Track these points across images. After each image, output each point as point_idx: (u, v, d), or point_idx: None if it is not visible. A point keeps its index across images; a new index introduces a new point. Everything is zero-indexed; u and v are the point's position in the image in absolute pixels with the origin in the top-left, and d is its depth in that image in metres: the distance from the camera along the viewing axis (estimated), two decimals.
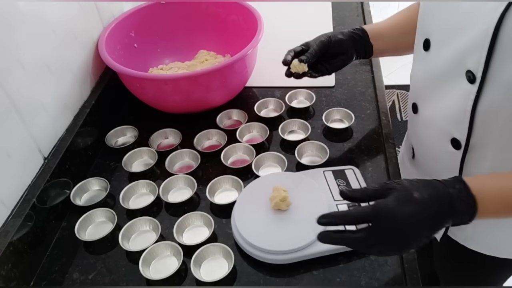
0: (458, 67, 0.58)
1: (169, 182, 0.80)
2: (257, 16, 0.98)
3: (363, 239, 0.52)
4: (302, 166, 0.82)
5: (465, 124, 0.60)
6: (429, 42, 0.64)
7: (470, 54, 0.55)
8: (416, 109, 0.72)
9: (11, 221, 0.66)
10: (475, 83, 0.56)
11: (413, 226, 0.50)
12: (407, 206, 0.50)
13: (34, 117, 0.74)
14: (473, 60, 0.55)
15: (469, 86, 0.57)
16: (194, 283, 0.66)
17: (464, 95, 0.58)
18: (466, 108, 0.59)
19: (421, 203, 0.50)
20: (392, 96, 2.35)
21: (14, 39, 0.70)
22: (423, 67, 0.67)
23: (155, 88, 0.89)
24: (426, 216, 0.50)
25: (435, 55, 0.63)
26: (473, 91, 0.56)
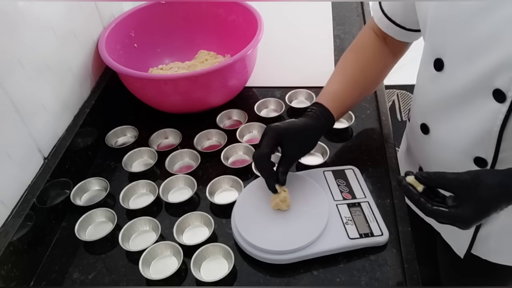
0: (483, 87, 0.56)
1: (169, 182, 0.80)
2: (257, 16, 0.98)
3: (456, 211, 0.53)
4: (302, 166, 0.82)
5: (492, 143, 0.59)
6: (442, 61, 0.61)
7: (498, 72, 0.54)
8: (426, 130, 0.70)
9: (11, 221, 0.66)
10: (505, 102, 0.54)
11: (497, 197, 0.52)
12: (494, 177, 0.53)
13: (34, 117, 0.74)
14: (503, 79, 0.53)
15: (498, 105, 0.55)
16: (194, 283, 0.66)
17: (491, 114, 0.57)
18: (493, 127, 0.57)
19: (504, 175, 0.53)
20: (392, 96, 2.35)
21: (14, 39, 0.70)
22: (435, 88, 0.65)
23: (155, 88, 0.89)
24: None
25: (451, 75, 0.61)
26: (502, 110, 0.55)
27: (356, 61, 0.80)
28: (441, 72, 0.62)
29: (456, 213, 0.53)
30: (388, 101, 2.32)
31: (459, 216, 0.53)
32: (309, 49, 1.17)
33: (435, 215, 0.54)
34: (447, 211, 0.53)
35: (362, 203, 0.73)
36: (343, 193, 0.75)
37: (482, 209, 0.53)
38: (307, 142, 0.73)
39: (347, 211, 0.72)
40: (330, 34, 1.22)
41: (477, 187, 0.52)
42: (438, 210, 0.54)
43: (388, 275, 0.66)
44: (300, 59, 1.14)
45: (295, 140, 0.70)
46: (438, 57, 0.62)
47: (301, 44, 1.19)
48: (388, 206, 0.75)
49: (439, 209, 0.54)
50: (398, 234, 0.69)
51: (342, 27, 1.25)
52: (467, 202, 0.53)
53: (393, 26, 0.75)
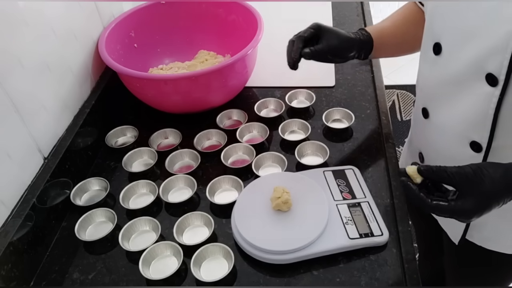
0: (476, 71, 0.57)
1: (169, 182, 0.80)
2: (257, 16, 0.98)
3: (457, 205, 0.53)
4: (302, 166, 0.82)
5: (487, 127, 0.60)
6: (440, 46, 0.62)
7: (491, 57, 0.54)
8: (426, 114, 0.71)
9: (11, 221, 0.66)
10: (497, 85, 0.55)
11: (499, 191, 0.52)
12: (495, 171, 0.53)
13: (34, 117, 0.74)
14: (494, 63, 0.54)
15: (491, 89, 0.56)
16: (194, 283, 0.66)
17: (485, 98, 0.58)
18: (487, 111, 0.58)
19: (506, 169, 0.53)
20: (392, 96, 2.35)
21: (14, 39, 0.70)
22: (434, 72, 0.66)
23: (155, 88, 0.89)
24: None
25: (448, 59, 0.62)
26: (495, 94, 0.56)
27: (403, 16, 0.83)
28: (439, 56, 0.63)
29: (456, 207, 0.53)
30: (388, 101, 2.32)
31: (460, 209, 0.53)
32: None
33: (435, 210, 0.54)
34: (446, 205, 0.53)
35: (362, 203, 0.73)
36: (343, 193, 0.75)
37: (483, 203, 0.53)
38: (342, 47, 0.79)
39: (347, 211, 0.72)
40: None
41: (479, 181, 0.52)
42: (438, 205, 0.53)
43: (388, 275, 0.66)
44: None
45: (334, 37, 0.77)
46: (437, 41, 0.63)
47: None
48: (388, 206, 0.75)
49: (439, 203, 0.53)
50: (398, 234, 0.69)
51: (342, 27, 1.24)
52: (468, 195, 0.52)
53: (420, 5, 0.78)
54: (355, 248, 0.68)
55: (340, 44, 0.78)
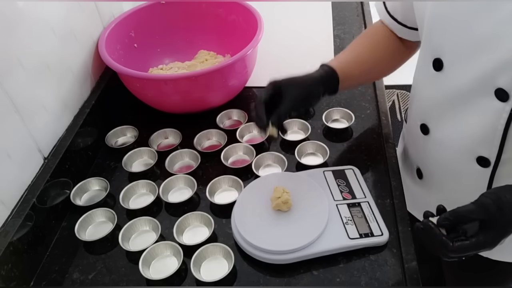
0: (484, 86, 0.56)
1: (169, 182, 0.80)
2: (257, 16, 0.98)
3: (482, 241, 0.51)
4: (302, 166, 0.82)
5: (496, 142, 0.59)
6: (441, 61, 0.61)
7: (500, 72, 0.53)
8: (426, 130, 0.70)
9: (11, 221, 0.66)
10: (508, 100, 0.54)
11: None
12: None
13: (34, 117, 0.74)
14: (504, 78, 0.53)
15: (501, 105, 0.55)
16: (194, 283, 0.66)
17: (494, 113, 0.57)
18: (497, 126, 0.57)
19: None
20: (392, 96, 2.35)
21: (14, 39, 0.70)
22: (435, 88, 0.64)
23: (155, 88, 0.89)
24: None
25: (451, 75, 0.61)
26: (506, 109, 0.55)
27: (367, 42, 0.79)
28: (441, 72, 0.62)
29: (479, 242, 0.50)
30: (388, 101, 2.32)
31: (483, 243, 0.50)
32: (309, 49, 1.17)
33: (459, 252, 0.51)
34: (468, 243, 0.50)
35: (362, 203, 0.73)
36: (343, 193, 0.75)
37: (506, 231, 0.51)
38: (306, 94, 0.72)
39: (347, 211, 0.72)
40: (330, 34, 1.22)
41: (500, 211, 0.50)
42: (461, 245, 0.50)
43: (388, 275, 0.66)
44: (300, 59, 1.14)
45: (295, 89, 0.70)
46: (437, 57, 0.61)
47: (301, 44, 1.19)
48: (388, 206, 0.75)
49: (462, 243, 0.50)
50: (398, 234, 0.69)
51: (342, 27, 1.25)
52: (490, 228, 0.50)
53: (395, 24, 0.75)
54: (355, 248, 0.68)
55: (304, 92, 0.71)
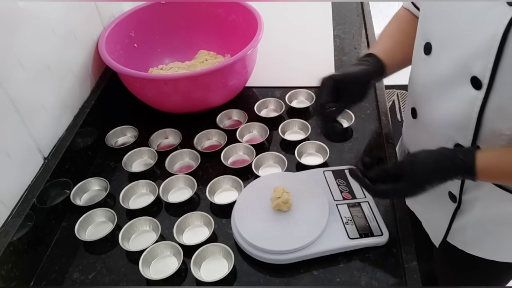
0: (462, 73, 0.57)
1: (169, 182, 0.80)
2: (257, 16, 0.98)
3: None
4: (302, 166, 0.82)
5: (470, 130, 0.60)
6: (430, 46, 0.62)
7: (475, 60, 0.54)
8: (415, 114, 0.71)
9: (11, 221, 0.66)
10: (481, 89, 0.55)
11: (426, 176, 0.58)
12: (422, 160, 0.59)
13: (34, 117, 0.74)
14: (479, 66, 0.54)
15: (475, 92, 0.56)
16: (194, 283, 0.66)
17: (469, 101, 0.58)
18: (471, 114, 0.58)
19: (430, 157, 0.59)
20: (392, 96, 2.35)
21: (14, 39, 0.70)
22: (423, 71, 0.66)
23: (155, 88, 0.89)
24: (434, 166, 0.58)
25: (436, 60, 0.62)
26: (479, 97, 0.56)
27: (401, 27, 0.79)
28: (429, 56, 0.63)
29: (395, 188, 0.59)
30: (388, 101, 2.32)
31: (398, 189, 0.60)
32: (309, 49, 1.17)
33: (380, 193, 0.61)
34: (386, 187, 0.60)
35: (362, 203, 0.73)
36: (343, 193, 0.75)
37: (418, 184, 0.58)
38: (361, 89, 0.72)
39: (347, 211, 0.72)
40: (330, 34, 1.22)
41: (412, 168, 0.58)
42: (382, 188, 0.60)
43: (388, 275, 0.66)
44: (300, 59, 1.14)
45: (350, 88, 0.70)
46: (427, 41, 0.63)
47: (301, 44, 1.19)
48: (388, 206, 0.75)
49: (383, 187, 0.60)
50: (398, 234, 0.69)
51: (342, 27, 1.25)
52: (404, 180, 0.58)
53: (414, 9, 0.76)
54: (355, 248, 0.68)
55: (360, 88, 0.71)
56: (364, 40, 1.19)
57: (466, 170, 0.56)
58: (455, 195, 0.70)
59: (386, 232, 0.69)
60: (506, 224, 0.70)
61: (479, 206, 0.69)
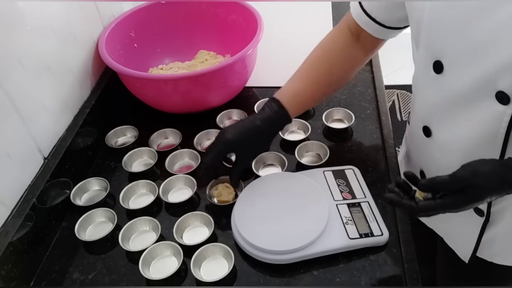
0: (484, 89, 0.55)
1: (169, 182, 0.79)
2: (257, 16, 0.98)
3: None
4: (302, 166, 0.82)
5: (498, 146, 0.58)
6: (441, 64, 0.60)
7: (501, 74, 0.53)
8: (429, 132, 0.69)
9: (11, 221, 0.66)
10: (509, 104, 0.54)
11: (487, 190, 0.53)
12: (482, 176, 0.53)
13: (34, 117, 0.74)
14: (505, 81, 0.53)
15: (502, 108, 0.54)
16: (194, 283, 0.66)
17: (495, 117, 0.56)
18: (499, 130, 0.57)
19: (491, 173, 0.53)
20: (392, 96, 2.35)
21: (14, 39, 0.70)
22: (436, 90, 0.64)
23: (155, 88, 0.89)
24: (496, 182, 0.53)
25: (451, 78, 0.60)
26: (507, 113, 0.54)
27: (323, 61, 0.80)
28: (441, 74, 0.61)
29: (445, 203, 0.54)
30: (388, 101, 2.32)
31: (448, 205, 0.54)
32: (309, 49, 1.16)
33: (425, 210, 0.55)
34: (433, 204, 0.54)
35: (362, 203, 0.73)
36: (343, 193, 0.75)
37: (475, 199, 0.54)
38: (259, 147, 0.78)
39: (347, 211, 0.72)
40: None
41: (475, 180, 0.52)
42: (426, 205, 0.55)
43: (388, 275, 0.66)
44: (300, 59, 1.13)
45: (247, 148, 0.75)
46: (437, 60, 0.61)
47: (301, 44, 1.19)
48: (388, 206, 0.75)
49: (427, 203, 0.55)
50: (398, 234, 0.69)
51: None
52: (462, 194, 0.53)
53: (372, 23, 0.75)
54: (355, 248, 0.68)
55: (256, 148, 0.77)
56: None
57: None
58: (482, 210, 0.68)
59: (386, 232, 0.69)
60: None
61: (508, 216, 0.67)
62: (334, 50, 0.80)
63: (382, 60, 1.07)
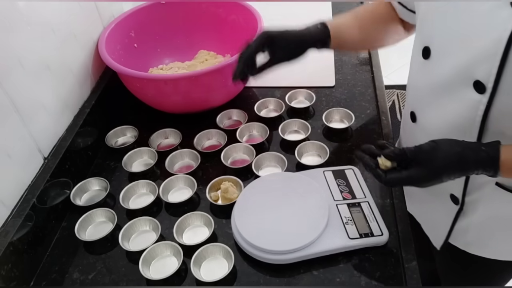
0: (463, 77, 0.57)
1: (169, 182, 0.80)
2: (257, 16, 0.98)
3: None
4: (302, 166, 0.82)
5: (474, 134, 0.60)
6: (429, 50, 0.63)
7: (479, 64, 0.54)
8: (414, 118, 0.71)
9: (11, 221, 0.66)
10: (485, 93, 0.55)
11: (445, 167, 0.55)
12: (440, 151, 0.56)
13: (34, 117, 0.74)
14: (482, 70, 0.54)
15: (478, 96, 0.56)
16: (194, 283, 0.66)
17: (472, 105, 0.58)
18: (475, 117, 0.58)
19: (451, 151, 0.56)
20: (392, 96, 2.35)
21: (14, 39, 0.70)
22: (422, 76, 0.66)
23: (155, 88, 0.89)
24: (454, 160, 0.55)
25: (436, 64, 0.62)
26: (483, 101, 0.56)
27: (369, 14, 0.82)
28: (428, 60, 0.63)
29: (409, 176, 0.56)
30: (388, 101, 2.32)
31: (412, 178, 0.56)
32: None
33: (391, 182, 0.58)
34: (399, 175, 0.57)
35: (362, 203, 0.73)
36: (343, 193, 0.75)
37: (436, 174, 0.56)
38: (295, 50, 0.77)
39: (347, 211, 0.72)
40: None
41: (434, 155, 0.56)
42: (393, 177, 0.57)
43: (388, 275, 0.66)
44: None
45: (285, 47, 0.75)
46: (426, 45, 0.63)
47: None
48: (388, 206, 0.75)
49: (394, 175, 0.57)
50: (398, 234, 0.69)
51: None
52: (422, 166, 0.56)
53: (396, 4, 0.77)
54: (355, 248, 0.68)
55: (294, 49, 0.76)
56: None
57: (490, 162, 0.54)
58: (457, 197, 0.70)
59: (386, 232, 0.69)
60: (509, 223, 0.70)
61: (482, 207, 0.69)
62: (377, 11, 0.82)
63: (382, 60, 1.07)
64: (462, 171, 0.56)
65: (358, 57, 1.12)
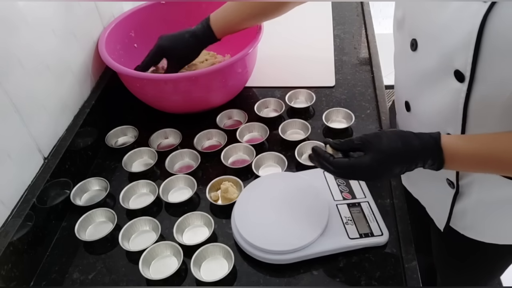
0: (446, 67, 0.60)
1: (169, 182, 0.80)
2: None
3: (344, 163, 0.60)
4: (302, 166, 0.82)
5: (458, 121, 0.62)
6: (416, 42, 0.66)
7: (457, 54, 0.57)
8: (409, 107, 0.73)
9: (11, 221, 0.66)
10: (464, 81, 0.58)
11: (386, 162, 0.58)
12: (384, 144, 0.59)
13: (34, 117, 0.74)
14: (460, 60, 0.57)
15: (459, 85, 0.59)
16: (194, 283, 0.66)
17: (454, 93, 0.61)
18: (458, 105, 0.61)
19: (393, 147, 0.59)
20: (392, 96, 2.34)
21: (14, 39, 0.70)
22: (412, 66, 0.69)
23: (155, 88, 0.89)
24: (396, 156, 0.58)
25: (423, 55, 0.65)
26: (463, 90, 0.59)
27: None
28: (416, 52, 0.66)
29: (355, 161, 0.59)
30: (388, 101, 2.31)
31: (357, 164, 0.59)
32: (309, 49, 1.17)
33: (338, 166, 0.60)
34: (346, 160, 0.60)
35: (362, 203, 0.73)
36: (343, 193, 0.75)
37: (380, 160, 0.58)
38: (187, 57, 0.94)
39: (347, 211, 0.72)
40: (330, 34, 1.22)
41: (378, 140, 0.59)
42: (338, 160, 0.60)
43: (388, 275, 0.66)
44: (300, 59, 1.14)
45: (177, 57, 0.92)
46: (414, 38, 0.66)
47: (301, 44, 1.19)
48: (388, 206, 0.75)
49: (339, 159, 0.60)
50: (398, 234, 0.69)
51: (342, 27, 1.25)
52: (367, 152, 0.59)
53: None
54: (355, 248, 0.68)
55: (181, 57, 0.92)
56: (364, 40, 1.19)
57: (433, 149, 0.57)
58: (452, 181, 0.72)
59: (386, 232, 0.69)
60: (503, 206, 0.71)
61: (476, 190, 0.70)
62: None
63: (382, 60, 1.07)
64: (406, 159, 0.58)
65: (358, 57, 1.12)
